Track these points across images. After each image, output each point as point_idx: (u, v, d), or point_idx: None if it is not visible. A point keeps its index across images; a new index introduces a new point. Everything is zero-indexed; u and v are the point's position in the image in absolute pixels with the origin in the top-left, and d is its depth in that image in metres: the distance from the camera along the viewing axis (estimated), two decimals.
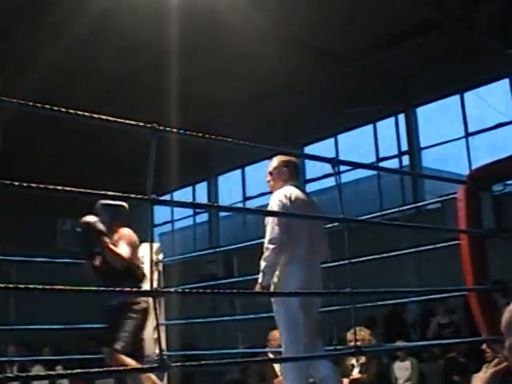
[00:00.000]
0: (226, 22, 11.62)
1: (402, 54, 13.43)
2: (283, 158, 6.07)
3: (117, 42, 12.28)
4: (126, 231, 6.15)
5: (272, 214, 5.81)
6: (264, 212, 6.04)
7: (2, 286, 3.01)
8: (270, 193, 6.05)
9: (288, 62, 13.46)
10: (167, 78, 12.66)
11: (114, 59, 12.99)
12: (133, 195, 3.61)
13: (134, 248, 6.11)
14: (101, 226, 5.79)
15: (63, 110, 3.33)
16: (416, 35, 12.75)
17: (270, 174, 6.07)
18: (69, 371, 3.67)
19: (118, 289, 5.21)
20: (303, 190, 6.12)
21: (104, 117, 3.49)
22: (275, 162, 6.07)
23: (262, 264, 5.58)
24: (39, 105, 3.25)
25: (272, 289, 5.61)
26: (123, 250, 5.92)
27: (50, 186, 3.22)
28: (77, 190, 3.31)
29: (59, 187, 3.24)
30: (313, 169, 17.05)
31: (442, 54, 13.64)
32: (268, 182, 6.10)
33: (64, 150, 16.88)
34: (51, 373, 3.42)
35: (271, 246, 5.55)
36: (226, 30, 11.91)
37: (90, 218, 5.78)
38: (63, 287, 3.23)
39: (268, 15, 11.65)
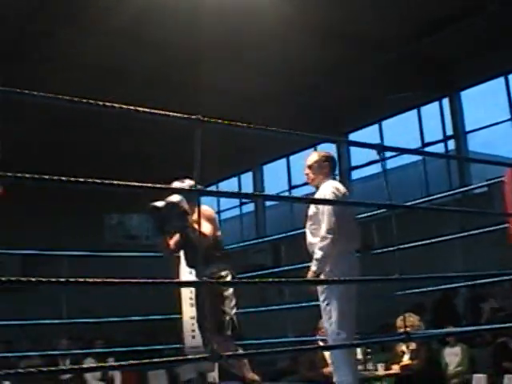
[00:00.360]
0: (262, 16, 11.56)
1: (445, 38, 13.24)
2: (323, 153, 6.23)
3: (150, 39, 12.28)
4: (202, 208, 6.20)
5: (318, 202, 5.87)
6: (311, 200, 6.10)
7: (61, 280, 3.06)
8: (306, 184, 6.25)
9: (330, 51, 13.36)
10: (200, 75, 12.72)
11: (147, 56, 13.01)
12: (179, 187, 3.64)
13: (213, 222, 6.27)
14: (185, 205, 5.83)
15: (108, 104, 3.38)
16: (460, 19, 12.58)
17: (309, 167, 6.15)
18: (120, 363, 3.71)
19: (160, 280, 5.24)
20: (343, 184, 6.28)
21: (148, 110, 3.53)
22: (315, 156, 6.18)
23: (319, 253, 5.68)
24: (85, 100, 3.30)
25: (322, 277, 5.68)
26: (206, 228, 5.98)
27: (115, 182, 3.30)
28: (135, 184, 3.37)
29: (117, 182, 3.31)
30: (357, 156, 16.99)
31: (486, 37, 13.45)
32: (306, 175, 6.19)
33: (102, 147, 17.00)
34: (103, 365, 3.47)
35: (329, 236, 5.67)
36: (261, 24, 11.83)
37: (176, 198, 5.78)
38: (122, 280, 3.28)
39: (305, 4, 11.56)
